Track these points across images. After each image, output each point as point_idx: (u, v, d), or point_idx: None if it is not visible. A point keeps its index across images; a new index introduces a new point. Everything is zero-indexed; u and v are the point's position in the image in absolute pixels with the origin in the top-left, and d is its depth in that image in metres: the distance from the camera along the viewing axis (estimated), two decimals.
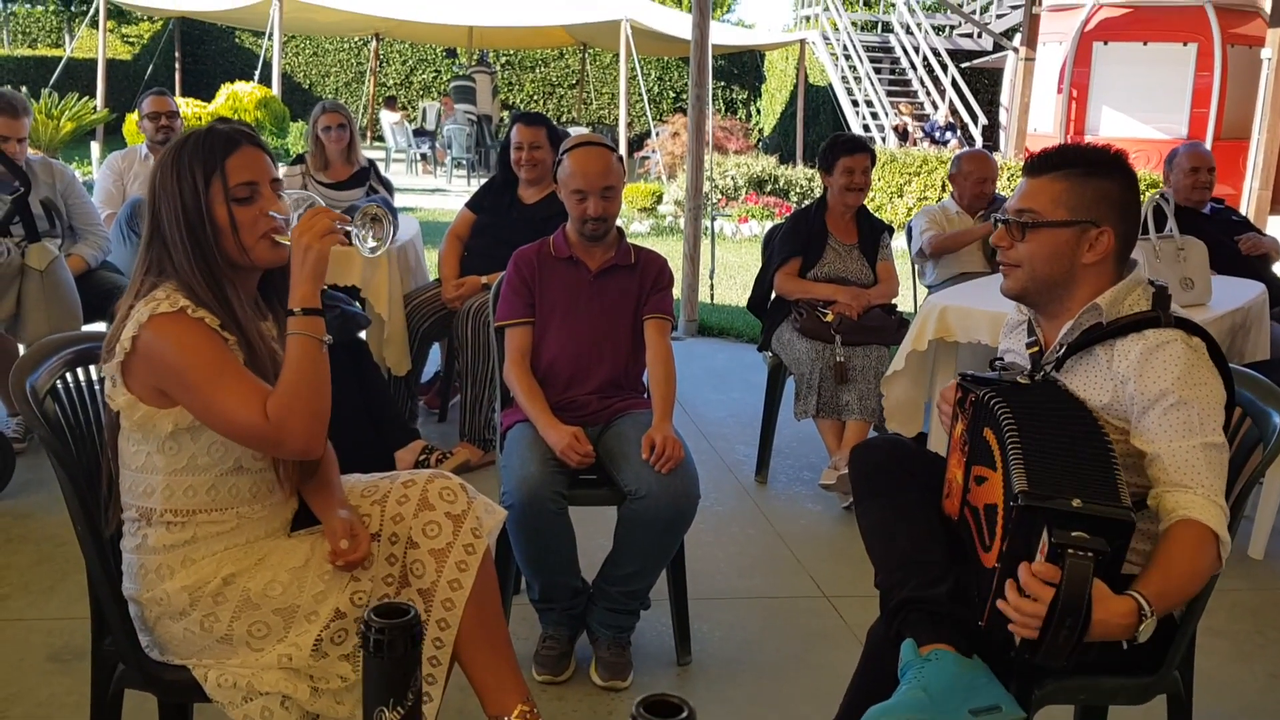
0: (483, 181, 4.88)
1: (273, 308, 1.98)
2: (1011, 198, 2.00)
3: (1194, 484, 1.77)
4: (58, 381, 1.95)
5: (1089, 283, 1.94)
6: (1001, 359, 2.11)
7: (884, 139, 16.19)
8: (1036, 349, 2.03)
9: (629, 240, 2.98)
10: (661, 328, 2.91)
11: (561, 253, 2.89)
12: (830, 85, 18.29)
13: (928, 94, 17.56)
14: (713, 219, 8.49)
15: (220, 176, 1.84)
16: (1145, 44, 14.33)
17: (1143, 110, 14.15)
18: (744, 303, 4.82)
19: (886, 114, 16.90)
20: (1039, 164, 1.97)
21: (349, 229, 1.88)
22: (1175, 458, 1.79)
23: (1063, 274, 1.94)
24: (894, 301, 4.26)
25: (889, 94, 17.55)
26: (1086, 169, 1.93)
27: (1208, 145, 12.81)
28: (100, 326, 4.02)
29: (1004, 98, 16.53)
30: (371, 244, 1.91)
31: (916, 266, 4.92)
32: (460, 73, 18.28)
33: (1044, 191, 1.94)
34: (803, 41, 18.31)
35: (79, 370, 2.01)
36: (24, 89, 13.97)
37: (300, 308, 1.81)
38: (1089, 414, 1.82)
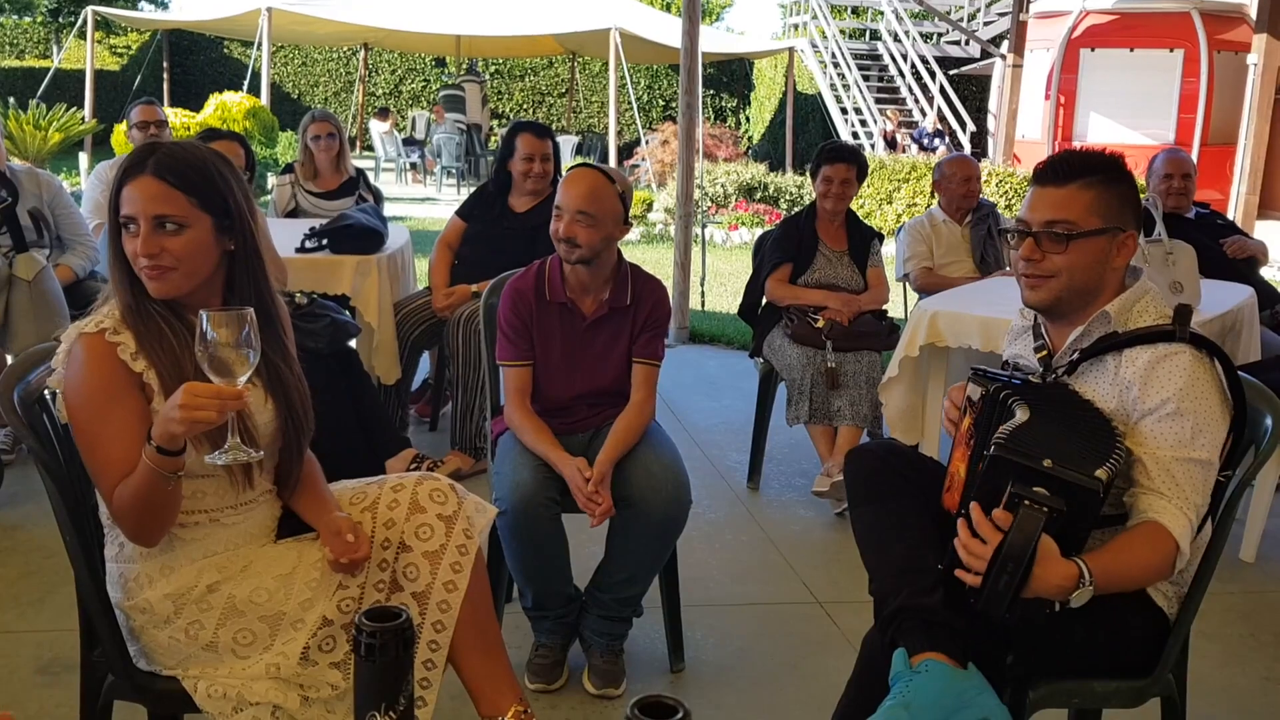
0: (472, 190, 4.87)
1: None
2: (1030, 210, 1.96)
3: (1170, 494, 1.80)
4: (45, 391, 1.94)
5: (1110, 286, 1.96)
6: (1010, 363, 2.11)
7: (873, 146, 16.24)
8: (1045, 353, 2.03)
9: (628, 261, 2.85)
10: (648, 375, 2.79)
11: (557, 297, 2.75)
12: (819, 93, 18.35)
13: (916, 101, 17.62)
14: (703, 226, 8.50)
15: (119, 203, 1.80)
16: (1132, 50, 14.41)
17: (1130, 116, 14.23)
18: (735, 310, 4.82)
19: (875, 121, 16.95)
20: (1062, 173, 1.94)
21: (219, 455, 1.69)
22: (1160, 465, 1.81)
23: (1096, 281, 1.94)
24: (884, 307, 4.27)
25: (877, 101, 17.61)
26: (1107, 175, 1.93)
27: (1194, 150, 12.93)
28: None
29: (992, 104, 16.60)
30: (218, 455, 1.70)
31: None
32: (449, 82, 18.27)
33: (1076, 201, 1.91)
34: (791, 49, 18.36)
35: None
36: (11, 100, 13.95)
37: (156, 444, 1.66)
38: (1099, 411, 1.83)
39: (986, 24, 17.34)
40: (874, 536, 2.01)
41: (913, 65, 17.70)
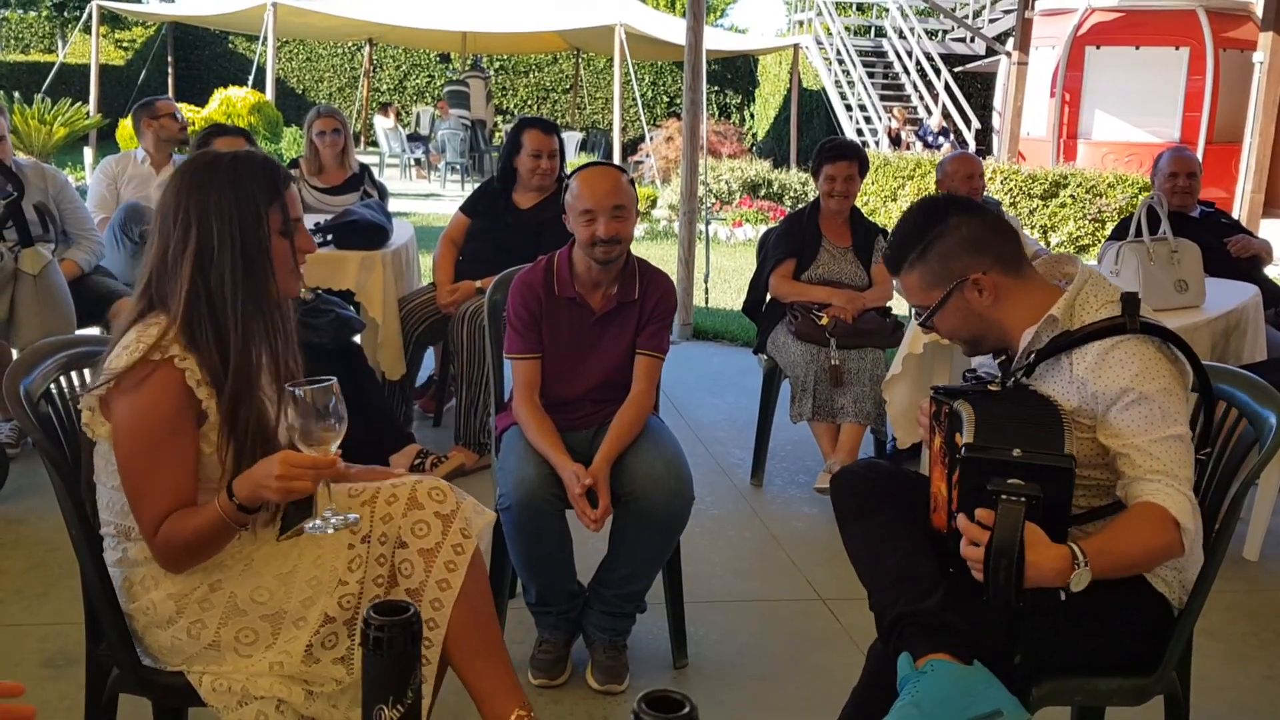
0: (476, 186, 4.87)
1: None
2: None
3: (1157, 474, 1.82)
4: (51, 385, 1.94)
5: (1011, 312, 1.99)
6: (974, 370, 2.13)
7: (877, 143, 16.23)
8: (1004, 358, 2.07)
9: (635, 255, 2.86)
10: (651, 367, 2.79)
11: (566, 292, 2.76)
12: (824, 90, 18.33)
13: (921, 98, 17.59)
14: (707, 223, 8.50)
15: (281, 207, 1.86)
16: (1137, 48, 14.38)
17: (1135, 114, 14.21)
18: (739, 306, 4.82)
19: (880, 118, 16.93)
20: (889, 263, 2.09)
21: (316, 524, 1.74)
22: (1140, 451, 1.84)
23: (981, 324, 2.02)
24: (888, 304, 4.27)
25: (882, 98, 17.59)
26: (921, 246, 1.99)
27: (1200, 149, 12.89)
28: (94, 331, 4.01)
29: (997, 102, 16.58)
30: (318, 525, 1.75)
31: None
32: (454, 78, 18.28)
33: (912, 288, 2.04)
34: (796, 46, 18.34)
35: (73, 374, 2.01)
36: (16, 95, 13.96)
37: (239, 501, 1.74)
38: (1053, 404, 1.87)
39: (992, 21, 17.30)
40: (866, 552, 2.03)
41: (918, 62, 17.67)
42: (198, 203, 1.82)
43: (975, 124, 16.41)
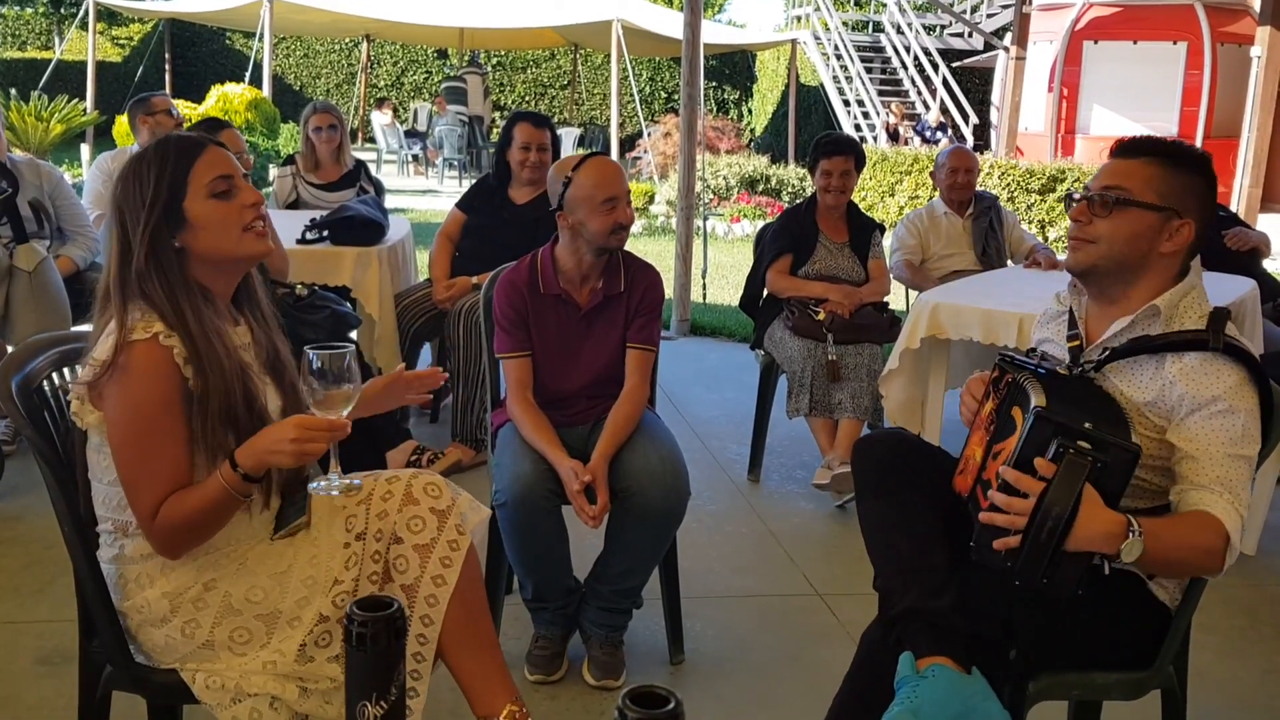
0: (473, 182, 4.86)
1: (244, 313, 1.96)
2: (1095, 179, 1.98)
3: (1221, 489, 1.80)
4: (44, 382, 1.93)
5: (1158, 273, 1.93)
6: (1037, 349, 2.08)
7: (875, 138, 16.21)
8: (1077, 343, 2.02)
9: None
10: (642, 361, 2.78)
11: (551, 289, 2.76)
12: (822, 85, 18.31)
13: (919, 93, 17.58)
14: (705, 219, 8.48)
15: (193, 179, 1.82)
16: (1135, 43, 14.37)
17: (1133, 109, 14.19)
18: (736, 302, 4.81)
19: (878, 113, 16.91)
20: (1133, 148, 1.96)
21: (320, 484, 1.80)
22: (1213, 461, 1.81)
23: (1138, 258, 1.92)
24: (886, 299, 4.26)
25: (880, 94, 17.57)
26: (1176, 160, 1.93)
27: (1198, 143, 12.88)
28: (89, 328, 4.00)
29: (995, 97, 16.56)
30: (321, 484, 1.81)
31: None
32: (451, 74, 18.26)
33: (1136, 172, 1.92)
34: (794, 41, 18.32)
35: (66, 370, 1.99)
36: (13, 91, 13.93)
37: (244, 471, 1.74)
38: (1118, 405, 1.84)
39: (990, 16, 17.28)
40: (881, 532, 2.00)
41: (915, 57, 17.65)
42: (115, 194, 1.85)
43: (973, 119, 16.40)
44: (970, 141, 15.74)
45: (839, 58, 18.06)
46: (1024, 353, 2.02)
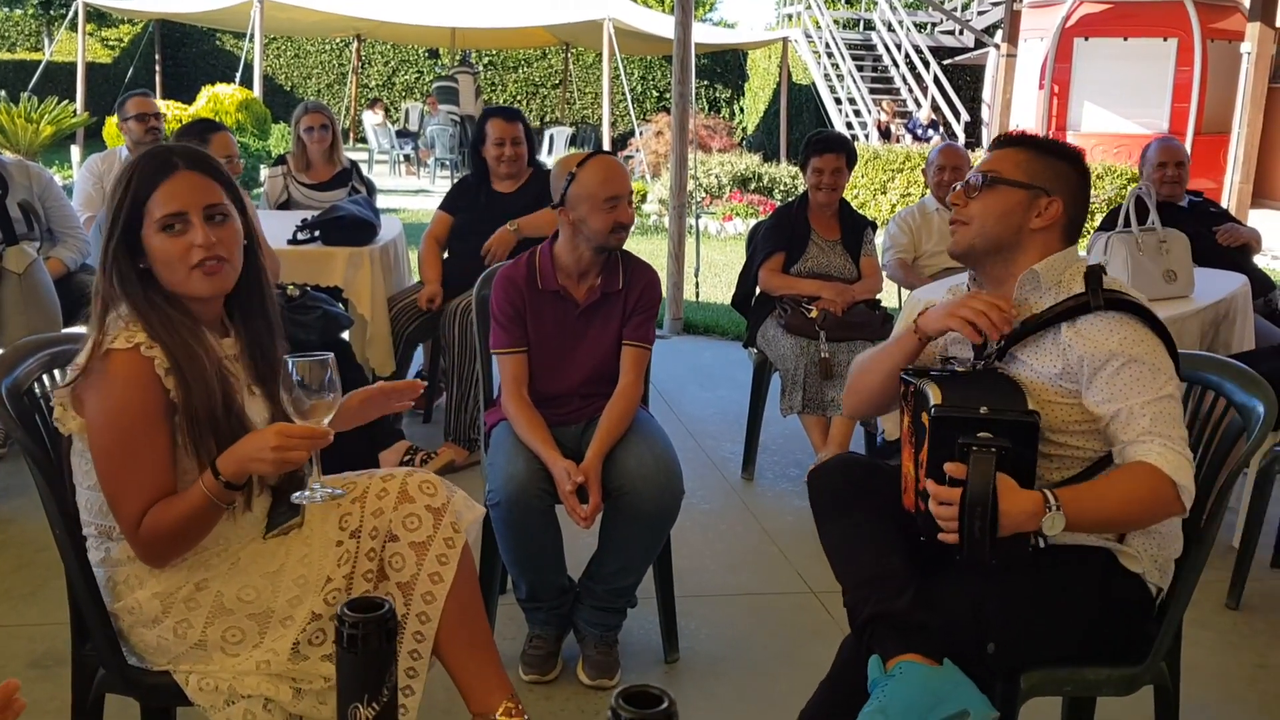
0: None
1: (235, 323, 1.95)
2: (973, 169, 2.10)
3: (1151, 437, 1.83)
4: (35, 384, 1.93)
5: (1034, 249, 2.01)
6: (951, 357, 2.14)
7: (867, 136, 16.23)
8: (981, 340, 2.04)
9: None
10: (638, 359, 2.78)
11: (549, 285, 2.76)
12: (813, 83, 18.31)
13: (910, 91, 17.60)
14: (697, 217, 8.49)
15: (150, 206, 1.78)
16: (1126, 39, 14.40)
17: (1124, 105, 14.22)
18: (729, 300, 4.81)
19: (869, 111, 16.93)
20: (1004, 139, 2.10)
21: (304, 494, 1.78)
22: (1133, 415, 1.85)
23: (1011, 234, 2.00)
24: (878, 297, 4.27)
25: (872, 91, 17.59)
26: (1046, 149, 2.05)
27: (1188, 139, 12.92)
28: (79, 329, 3.98)
29: (986, 94, 16.59)
30: (306, 495, 1.79)
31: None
32: (443, 73, 18.22)
33: (1008, 158, 2.04)
34: (785, 40, 18.32)
35: (56, 372, 1.99)
36: (2, 93, 13.88)
37: (225, 479, 1.73)
38: (1011, 380, 1.91)
39: (980, 13, 17.30)
40: (840, 551, 2.04)
41: (907, 55, 17.67)
42: (111, 201, 1.84)
43: (964, 116, 16.42)
44: (962, 139, 15.77)
45: (830, 56, 18.08)
46: (934, 367, 2.08)
